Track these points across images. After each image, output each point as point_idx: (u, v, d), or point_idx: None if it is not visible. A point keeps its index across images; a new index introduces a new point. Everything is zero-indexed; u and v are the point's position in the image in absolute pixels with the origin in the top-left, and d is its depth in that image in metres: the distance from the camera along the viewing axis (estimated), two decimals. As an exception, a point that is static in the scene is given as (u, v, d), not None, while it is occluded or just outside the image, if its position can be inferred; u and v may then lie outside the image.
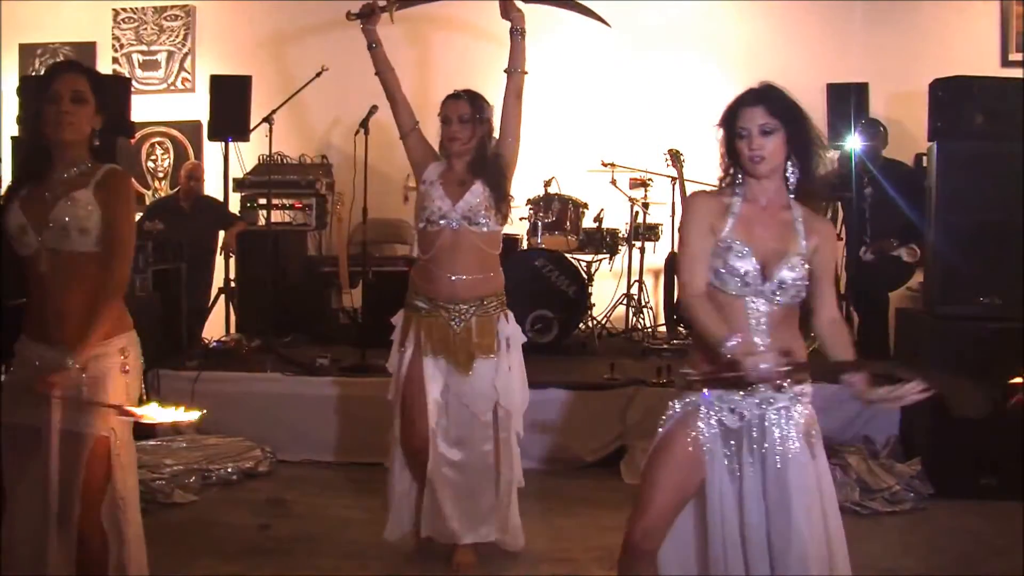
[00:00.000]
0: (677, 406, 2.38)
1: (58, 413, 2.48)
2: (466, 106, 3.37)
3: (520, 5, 3.35)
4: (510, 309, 3.54)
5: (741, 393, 2.30)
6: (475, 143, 3.38)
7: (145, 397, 2.69)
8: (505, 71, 3.38)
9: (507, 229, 6.41)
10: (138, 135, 7.20)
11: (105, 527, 2.59)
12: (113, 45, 7.63)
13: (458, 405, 3.41)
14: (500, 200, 3.39)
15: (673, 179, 6.19)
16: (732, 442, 2.32)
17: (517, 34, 3.36)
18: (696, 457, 2.32)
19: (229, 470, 4.55)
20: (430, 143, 3.47)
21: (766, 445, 2.29)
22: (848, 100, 5.72)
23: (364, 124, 5.49)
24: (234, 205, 6.58)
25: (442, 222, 3.33)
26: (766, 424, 2.30)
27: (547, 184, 6.15)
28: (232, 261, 6.34)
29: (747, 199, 2.36)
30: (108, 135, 2.69)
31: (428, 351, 3.36)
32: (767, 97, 2.32)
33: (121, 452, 2.58)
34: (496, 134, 3.44)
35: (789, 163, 2.33)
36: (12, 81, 7.17)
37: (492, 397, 3.42)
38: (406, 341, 3.41)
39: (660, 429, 2.40)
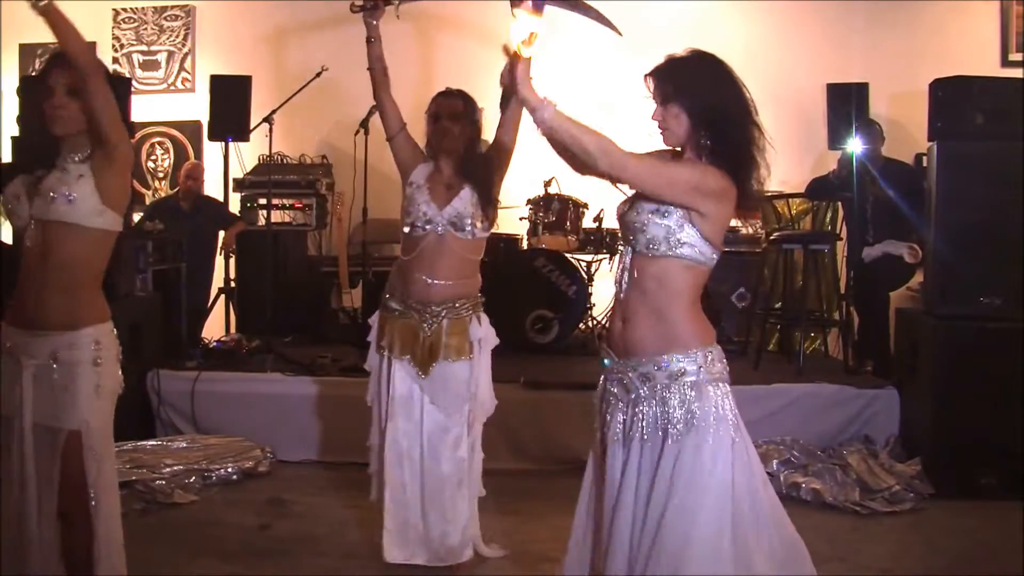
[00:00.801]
0: (602, 379, 2.40)
1: (31, 406, 2.48)
2: (459, 103, 3.34)
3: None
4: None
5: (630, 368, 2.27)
6: (465, 142, 3.34)
7: (123, 389, 2.67)
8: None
9: (507, 229, 6.47)
10: (138, 135, 7.21)
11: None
12: (113, 45, 7.63)
13: (430, 409, 3.31)
14: (487, 205, 3.33)
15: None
16: (622, 417, 2.28)
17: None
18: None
19: (229, 470, 4.55)
20: (418, 145, 3.45)
21: (639, 426, 2.23)
22: (848, 100, 5.72)
23: (364, 124, 5.49)
24: (234, 205, 6.58)
25: (427, 227, 3.28)
26: (645, 406, 2.23)
27: (547, 184, 6.15)
28: (232, 261, 6.34)
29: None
30: None
31: (396, 353, 3.32)
32: (658, 71, 2.29)
33: (95, 445, 2.55)
34: (491, 139, 3.41)
35: (701, 132, 2.24)
36: (12, 81, 7.17)
37: (465, 398, 3.35)
38: (382, 342, 3.38)
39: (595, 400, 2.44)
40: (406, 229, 3.34)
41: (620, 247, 2.39)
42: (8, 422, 2.52)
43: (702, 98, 2.22)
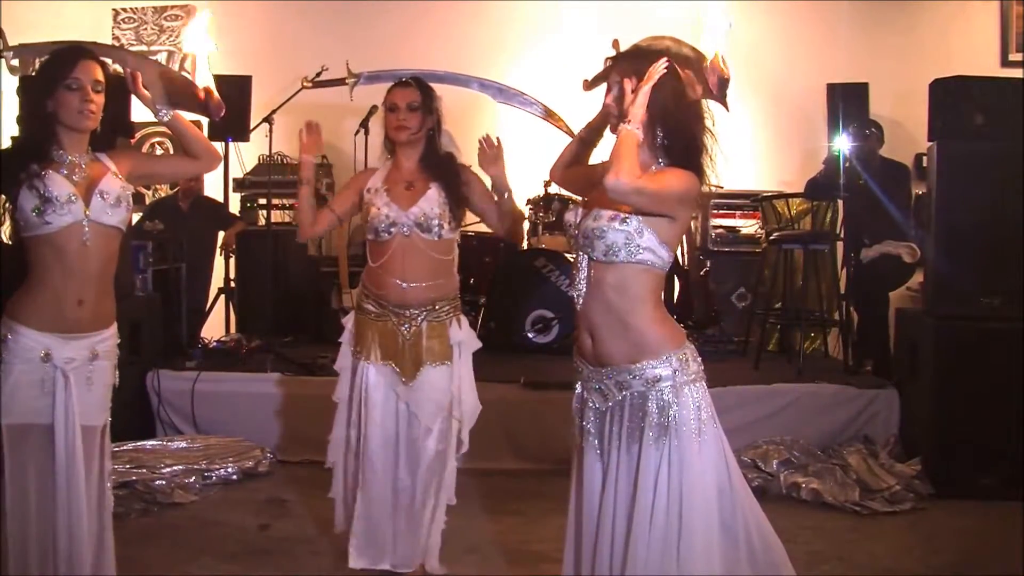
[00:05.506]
0: (577, 388, 2.36)
1: (76, 409, 2.50)
2: (415, 93, 3.20)
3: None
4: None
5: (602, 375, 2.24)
6: (424, 134, 3.23)
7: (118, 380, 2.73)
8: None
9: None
10: (138, 135, 7.20)
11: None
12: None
13: (407, 415, 3.20)
14: (455, 205, 3.20)
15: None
16: (600, 424, 2.26)
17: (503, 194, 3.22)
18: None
19: (229, 470, 4.55)
20: (350, 189, 3.38)
21: (617, 432, 2.21)
22: (848, 100, 5.72)
23: (364, 124, 5.50)
24: (234, 205, 6.58)
25: (392, 230, 3.16)
26: (620, 413, 2.21)
27: (547, 184, 6.14)
28: (232, 261, 6.34)
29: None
30: (106, 125, 2.70)
31: (374, 357, 3.20)
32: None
33: (108, 436, 2.66)
34: (451, 131, 3.33)
35: (657, 128, 2.20)
36: (12, 81, 7.16)
37: (443, 405, 3.22)
38: (358, 345, 3.27)
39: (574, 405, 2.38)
40: (371, 236, 3.22)
41: (571, 256, 2.33)
42: (35, 429, 2.49)
43: (664, 95, 2.18)
